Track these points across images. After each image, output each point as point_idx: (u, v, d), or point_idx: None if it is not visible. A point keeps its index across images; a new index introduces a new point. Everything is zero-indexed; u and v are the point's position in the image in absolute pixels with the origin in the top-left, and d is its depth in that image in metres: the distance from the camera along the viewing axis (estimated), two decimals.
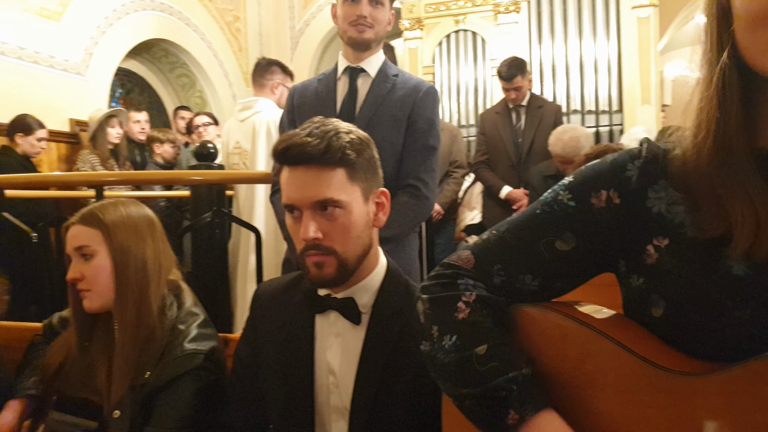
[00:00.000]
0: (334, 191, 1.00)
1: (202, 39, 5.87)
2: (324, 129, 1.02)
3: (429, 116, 1.80)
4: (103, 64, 4.71)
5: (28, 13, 4.05)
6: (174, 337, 1.24)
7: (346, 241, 1.02)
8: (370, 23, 1.75)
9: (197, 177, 2.18)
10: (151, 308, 1.25)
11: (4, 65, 3.87)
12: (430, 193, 1.79)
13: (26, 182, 2.50)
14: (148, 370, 1.21)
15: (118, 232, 1.26)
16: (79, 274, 1.24)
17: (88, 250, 1.25)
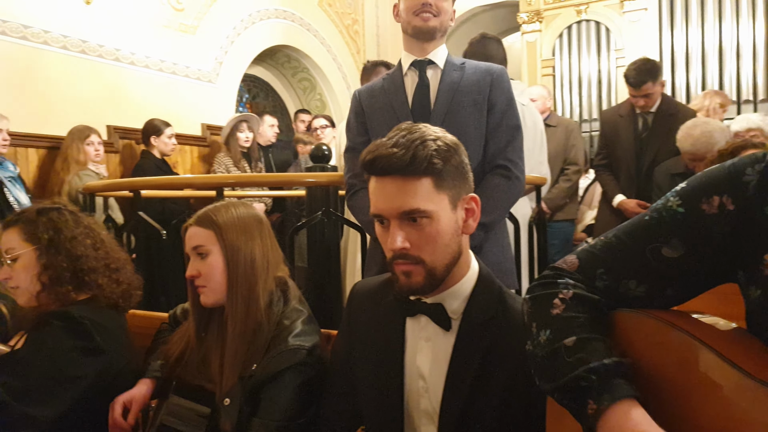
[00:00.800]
0: (420, 201, 0.99)
1: (322, 43, 6.10)
2: (410, 138, 1.01)
3: (508, 96, 1.78)
4: (232, 71, 5.05)
5: (168, 29, 4.45)
6: (279, 331, 1.30)
7: (433, 250, 1.02)
8: (435, 11, 1.72)
9: (310, 179, 2.26)
10: (259, 303, 1.31)
11: (148, 76, 4.28)
12: (520, 173, 1.76)
13: (158, 184, 2.74)
14: (256, 362, 1.27)
15: (229, 232, 1.33)
16: (196, 272, 1.34)
17: (203, 249, 1.33)
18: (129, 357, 1.53)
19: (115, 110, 4.02)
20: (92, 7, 3.86)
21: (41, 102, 3.57)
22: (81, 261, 1.45)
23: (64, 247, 1.44)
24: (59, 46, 3.70)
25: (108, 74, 3.99)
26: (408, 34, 1.79)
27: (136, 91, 4.19)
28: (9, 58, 3.43)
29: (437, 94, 1.76)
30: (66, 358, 1.34)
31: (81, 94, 3.81)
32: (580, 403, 0.73)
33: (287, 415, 1.22)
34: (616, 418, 0.69)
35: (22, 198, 3.18)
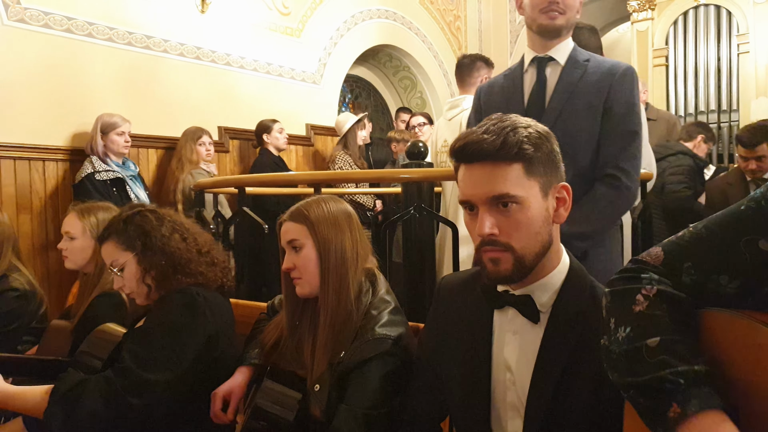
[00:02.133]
0: (510, 186, 0.98)
1: (423, 41, 6.11)
2: (501, 125, 1.01)
3: (628, 99, 1.65)
4: (335, 72, 5.18)
5: (275, 33, 4.64)
6: (367, 321, 1.34)
7: (523, 237, 0.99)
8: (562, 9, 1.65)
9: (404, 175, 2.27)
10: (349, 293, 1.36)
11: (256, 79, 4.49)
12: (632, 183, 1.63)
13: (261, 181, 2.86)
14: (344, 350, 1.31)
15: (320, 226, 1.39)
16: (292, 264, 1.40)
17: (297, 243, 1.39)
18: (232, 339, 1.61)
19: (226, 112, 4.26)
20: (206, 16, 4.11)
21: (160, 106, 3.85)
22: (176, 255, 1.55)
23: (158, 246, 1.55)
24: (177, 54, 3.97)
25: (219, 78, 4.23)
26: (532, 30, 1.72)
27: (245, 93, 4.41)
28: (133, 67, 3.73)
29: (552, 94, 1.69)
30: (181, 329, 1.44)
31: (195, 98, 4.07)
32: (661, 403, 0.69)
33: (373, 403, 1.25)
34: (702, 427, 0.66)
35: (142, 195, 3.45)
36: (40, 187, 3.31)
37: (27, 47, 3.24)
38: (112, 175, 3.28)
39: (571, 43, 1.73)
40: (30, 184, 3.26)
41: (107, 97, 3.58)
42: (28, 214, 3.25)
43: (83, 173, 3.23)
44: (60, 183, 3.39)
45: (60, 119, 3.37)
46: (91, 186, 3.19)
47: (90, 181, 3.20)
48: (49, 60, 3.33)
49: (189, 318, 1.46)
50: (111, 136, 3.33)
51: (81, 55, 3.47)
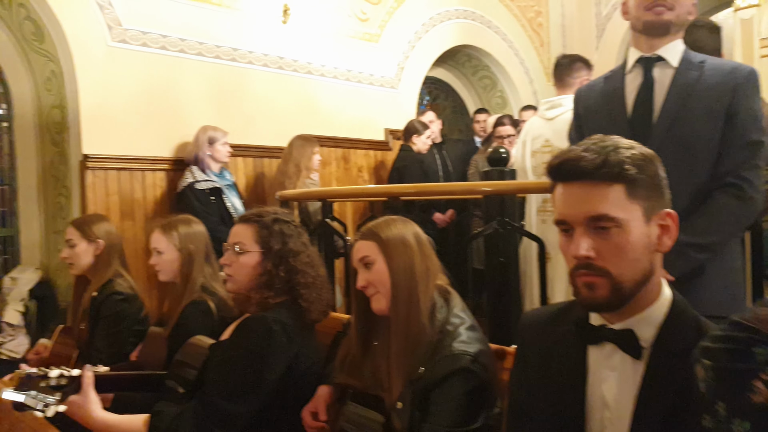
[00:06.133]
0: (609, 207, 0.93)
1: (503, 39, 5.98)
2: (602, 144, 0.97)
3: (752, 106, 1.53)
4: (413, 75, 5.18)
5: (354, 39, 4.70)
6: (443, 336, 1.34)
7: (621, 263, 0.94)
8: (670, 4, 1.54)
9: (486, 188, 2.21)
10: (419, 308, 1.37)
11: (336, 86, 4.57)
12: (756, 193, 1.51)
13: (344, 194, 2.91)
14: (422, 366, 1.32)
15: (389, 243, 1.42)
16: (365, 282, 1.42)
17: (369, 259, 1.43)
18: (314, 358, 1.66)
19: (307, 120, 4.36)
20: (288, 26, 4.22)
21: (245, 115, 4.00)
22: (297, 275, 1.62)
23: (286, 259, 1.62)
24: (261, 65, 4.11)
25: (301, 87, 4.34)
26: (637, 31, 1.62)
27: (326, 100, 4.50)
28: (221, 79, 3.90)
29: (666, 96, 1.57)
30: (260, 359, 1.49)
31: (278, 107, 4.20)
32: None
33: (455, 421, 1.24)
34: None
35: (237, 204, 3.61)
36: (140, 196, 3.54)
37: (127, 66, 3.47)
38: (210, 184, 3.47)
39: (682, 44, 1.62)
40: (131, 193, 3.50)
41: (198, 109, 3.76)
42: (130, 221, 3.49)
43: (184, 183, 3.44)
44: (158, 191, 3.60)
45: (157, 131, 3.59)
46: (191, 195, 3.39)
47: (191, 190, 3.40)
48: (146, 76, 3.55)
49: (266, 347, 1.50)
50: (216, 146, 3.53)
51: (174, 70, 3.67)
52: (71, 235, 2.43)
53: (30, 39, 3.39)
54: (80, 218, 2.61)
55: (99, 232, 2.43)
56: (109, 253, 2.43)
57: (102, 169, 3.36)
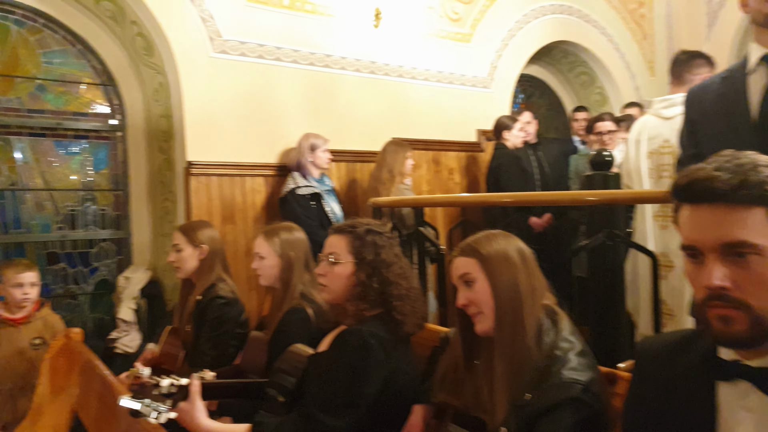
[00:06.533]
0: (749, 233, 0.84)
1: (602, 33, 5.70)
2: (737, 162, 0.87)
3: None
4: (506, 74, 5.04)
5: (445, 40, 4.64)
6: (552, 362, 1.26)
7: (763, 295, 0.84)
8: None
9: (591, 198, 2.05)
10: (525, 330, 1.29)
11: (427, 88, 4.53)
12: None
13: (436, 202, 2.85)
14: (528, 392, 1.24)
15: (491, 259, 1.35)
16: (466, 300, 1.37)
17: (469, 276, 1.37)
18: (411, 373, 1.63)
19: (399, 123, 4.35)
20: (379, 30, 4.23)
21: (338, 121, 4.05)
22: (391, 287, 1.61)
23: (380, 271, 1.62)
24: (353, 69, 4.15)
25: (392, 90, 4.34)
26: (759, 25, 1.46)
27: (417, 103, 4.47)
28: (315, 85, 3.97)
29: None
30: (357, 374, 1.48)
31: (370, 111, 4.22)
32: None
33: None
34: None
35: (336, 208, 3.67)
36: (240, 200, 3.68)
37: (227, 75, 3.61)
38: (311, 190, 3.56)
39: None
40: (232, 198, 3.64)
41: (293, 115, 3.86)
42: (230, 224, 3.63)
43: (287, 188, 3.55)
44: (256, 196, 3.73)
45: (255, 138, 3.71)
46: (293, 200, 3.50)
47: (293, 196, 3.51)
48: (245, 85, 3.68)
49: (364, 361, 1.50)
50: (317, 152, 3.62)
51: (271, 78, 3.78)
52: (178, 240, 2.55)
53: (141, 53, 3.61)
54: (186, 224, 2.74)
55: (203, 237, 2.54)
56: (212, 257, 2.54)
57: (204, 175, 3.52)
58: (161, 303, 3.70)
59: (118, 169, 3.77)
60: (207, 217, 3.47)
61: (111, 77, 3.68)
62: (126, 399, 1.27)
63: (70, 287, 3.64)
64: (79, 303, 3.68)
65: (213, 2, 3.53)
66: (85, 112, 3.65)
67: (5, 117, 3.38)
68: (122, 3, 3.40)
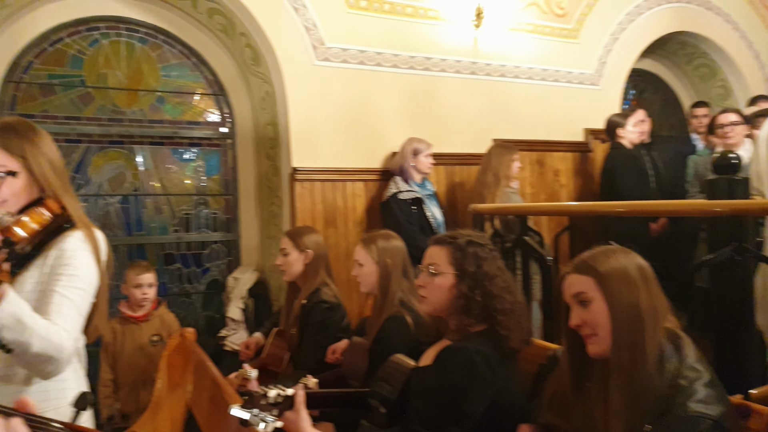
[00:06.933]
0: None
1: (726, 21, 5.24)
2: None
3: None
4: (616, 70, 4.76)
5: (550, 37, 4.46)
6: (676, 392, 1.15)
7: None
8: None
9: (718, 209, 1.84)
10: (646, 355, 1.20)
11: (530, 88, 4.38)
12: None
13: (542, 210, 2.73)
14: (648, 423, 1.15)
15: (610, 278, 1.25)
16: (580, 321, 1.28)
17: (584, 296, 1.28)
18: (518, 392, 1.56)
19: (501, 124, 4.24)
20: (481, 30, 4.14)
21: (438, 124, 4.01)
22: (494, 301, 1.56)
23: (482, 283, 1.58)
24: (453, 71, 4.09)
25: (494, 91, 4.24)
26: None
27: (519, 103, 4.33)
28: (414, 89, 3.96)
29: None
30: (463, 392, 1.44)
31: (470, 113, 4.14)
32: None
33: None
34: None
35: (437, 213, 3.64)
36: (341, 205, 3.74)
37: (330, 83, 3.68)
38: (412, 194, 3.55)
39: None
40: (334, 202, 3.71)
41: (393, 120, 3.87)
42: (332, 228, 3.70)
43: (389, 193, 3.56)
44: (357, 200, 3.77)
45: (356, 144, 3.76)
46: (395, 205, 3.50)
47: (394, 200, 3.51)
48: (346, 92, 3.73)
49: (468, 380, 1.46)
50: (420, 157, 3.60)
51: (371, 84, 3.81)
52: (285, 244, 2.63)
53: (249, 63, 3.77)
54: (293, 229, 2.82)
55: (309, 242, 2.60)
56: (317, 262, 2.60)
57: (308, 181, 3.61)
58: (267, 303, 3.84)
59: (229, 174, 3.96)
60: (310, 221, 3.57)
61: (222, 87, 3.88)
62: (236, 408, 1.31)
63: (184, 286, 3.87)
64: (192, 301, 3.90)
65: (316, 11, 3.62)
66: (198, 121, 3.87)
67: (130, 127, 3.66)
68: (232, 16, 3.56)
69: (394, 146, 3.79)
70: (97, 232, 1.47)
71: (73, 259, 1.36)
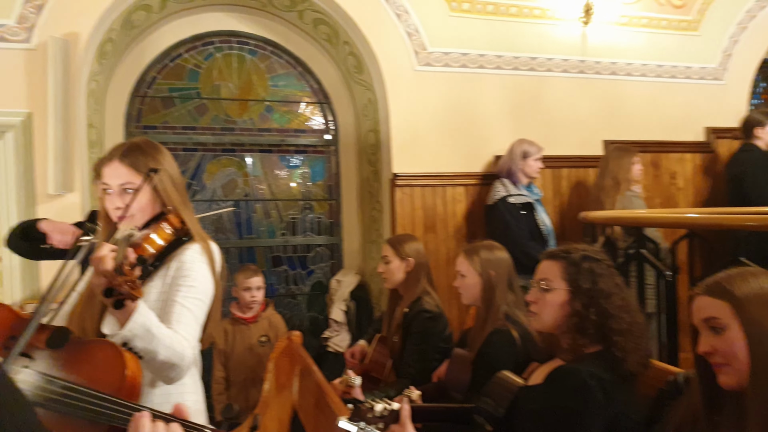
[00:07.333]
0: None
1: None
2: None
3: None
4: (744, 61, 4.36)
5: (666, 30, 4.17)
6: None
7: None
8: None
9: None
10: None
11: (644, 85, 4.12)
12: None
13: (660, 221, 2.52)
14: None
15: (749, 305, 1.12)
16: (710, 348, 1.17)
17: (717, 322, 1.15)
18: (636, 418, 1.46)
19: (611, 124, 4.02)
20: (590, 27, 3.94)
21: (544, 126, 3.86)
22: (610, 320, 1.48)
23: (597, 301, 1.50)
24: (560, 71, 3.93)
25: (603, 89, 4.02)
26: None
27: (632, 102, 4.08)
28: (518, 90, 3.84)
29: None
30: (574, 417, 1.37)
31: (578, 113, 3.96)
32: None
33: None
34: None
35: (546, 220, 3.50)
36: (441, 210, 3.71)
37: (431, 88, 3.66)
38: (523, 199, 3.43)
39: None
40: (434, 208, 3.68)
41: (495, 123, 3.78)
42: (432, 234, 3.68)
43: (497, 195, 3.42)
44: (457, 205, 3.72)
45: (456, 148, 3.71)
46: (503, 208, 3.37)
47: (503, 204, 3.38)
48: (447, 96, 3.69)
49: (581, 405, 1.37)
50: (529, 160, 3.47)
51: (473, 87, 3.75)
52: (386, 252, 2.64)
53: (352, 71, 3.83)
54: (394, 237, 2.83)
55: (410, 250, 2.59)
56: (418, 270, 2.58)
57: (408, 186, 3.61)
58: (368, 306, 3.89)
59: (332, 180, 4.06)
60: (410, 227, 3.56)
61: (326, 95, 3.98)
62: (343, 421, 1.32)
63: (290, 287, 4.01)
64: (297, 302, 4.04)
65: (417, 17, 3.61)
66: (304, 129, 4.00)
67: (241, 136, 3.84)
68: (336, 25, 3.63)
69: (496, 150, 3.70)
70: (212, 245, 1.54)
71: (191, 270, 1.43)
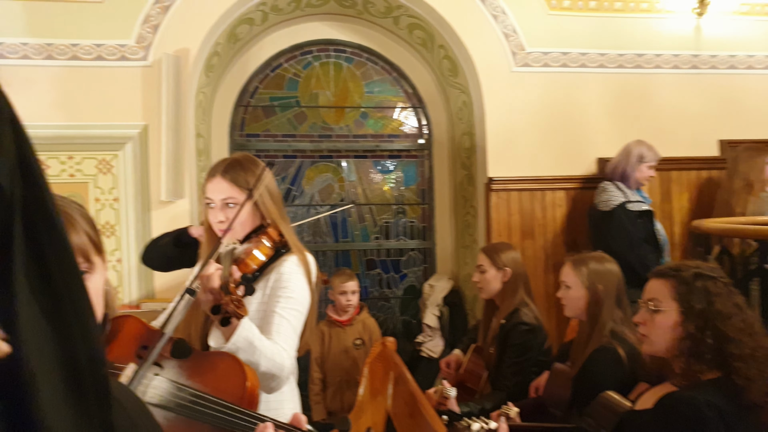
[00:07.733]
0: None
1: None
2: None
3: None
4: None
5: None
6: None
7: None
8: None
9: None
10: None
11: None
12: None
13: None
14: None
15: None
16: None
17: None
18: None
19: (728, 122, 3.71)
20: (705, 18, 3.66)
21: (652, 125, 3.62)
22: (730, 344, 1.36)
23: (713, 323, 1.38)
24: (670, 67, 3.68)
25: (720, 85, 3.72)
26: None
27: (753, 98, 3.74)
28: (623, 88, 3.63)
29: None
30: None
31: (690, 111, 3.69)
32: None
33: None
34: None
35: (661, 228, 3.26)
36: (540, 215, 3.59)
37: (528, 89, 3.55)
38: (642, 206, 3.20)
39: None
40: (531, 213, 3.57)
41: (598, 124, 3.60)
42: (530, 240, 3.57)
43: (615, 201, 3.17)
44: (557, 210, 3.59)
45: (556, 151, 3.57)
46: (623, 215, 3.14)
47: (623, 210, 3.14)
48: (546, 97, 3.56)
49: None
50: (643, 166, 3.25)
51: (574, 87, 3.59)
52: (482, 261, 2.59)
53: (447, 75, 3.79)
54: (490, 246, 2.76)
55: (506, 260, 2.52)
56: (515, 281, 2.51)
57: (504, 191, 3.52)
58: (462, 312, 3.84)
59: (425, 184, 4.04)
60: (506, 233, 3.48)
61: (420, 100, 3.97)
62: None
63: (384, 291, 4.04)
64: (390, 305, 4.06)
65: (515, 17, 3.51)
66: (397, 134, 4.01)
67: (337, 142, 3.92)
68: (431, 29, 3.61)
69: (599, 152, 3.53)
70: (308, 256, 1.58)
71: (289, 282, 1.47)
